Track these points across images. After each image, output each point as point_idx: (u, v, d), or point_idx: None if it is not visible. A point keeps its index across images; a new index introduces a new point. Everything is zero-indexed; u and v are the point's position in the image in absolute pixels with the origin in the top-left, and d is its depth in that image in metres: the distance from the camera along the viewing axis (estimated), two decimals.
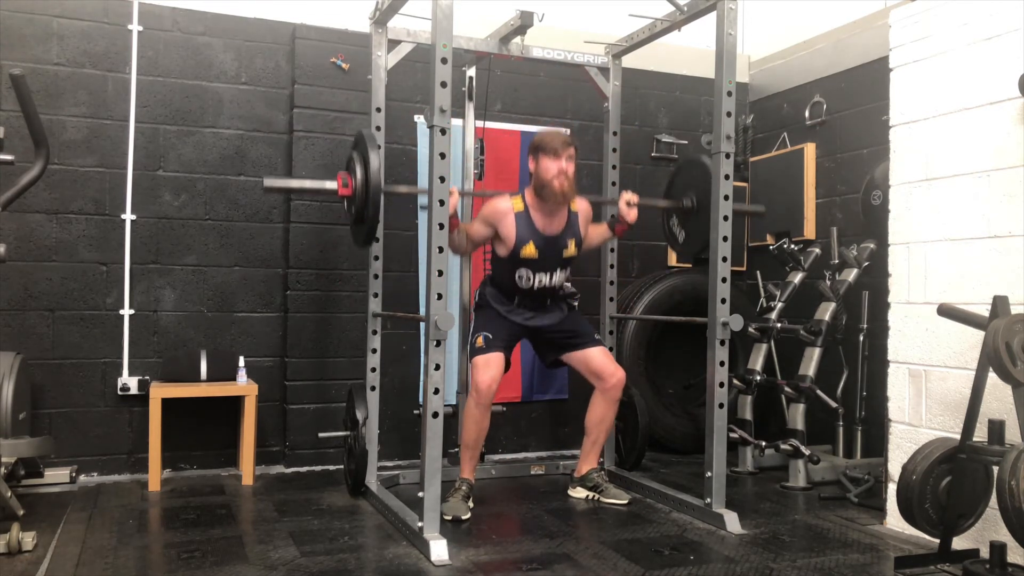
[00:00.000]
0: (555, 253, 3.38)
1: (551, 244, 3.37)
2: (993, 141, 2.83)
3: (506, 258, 3.38)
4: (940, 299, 2.93)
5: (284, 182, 3.44)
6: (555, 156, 3.27)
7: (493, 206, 3.37)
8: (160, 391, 3.61)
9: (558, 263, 3.41)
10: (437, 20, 2.79)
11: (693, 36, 4.01)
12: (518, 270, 3.37)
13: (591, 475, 3.57)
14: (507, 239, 3.33)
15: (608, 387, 3.46)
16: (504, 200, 3.37)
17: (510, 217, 3.33)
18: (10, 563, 2.58)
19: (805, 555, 2.81)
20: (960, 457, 2.59)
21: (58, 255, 3.78)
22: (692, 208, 3.54)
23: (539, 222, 3.35)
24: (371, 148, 3.02)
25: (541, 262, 3.36)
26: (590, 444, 3.56)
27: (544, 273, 3.39)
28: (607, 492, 3.51)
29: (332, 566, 2.62)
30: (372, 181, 2.99)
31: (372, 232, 3.18)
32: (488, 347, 3.35)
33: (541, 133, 3.43)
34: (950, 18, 2.99)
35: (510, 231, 3.32)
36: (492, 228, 3.37)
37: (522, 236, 3.32)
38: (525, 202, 3.36)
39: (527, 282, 3.39)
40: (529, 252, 3.33)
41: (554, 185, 3.26)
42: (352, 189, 3.08)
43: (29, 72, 3.48)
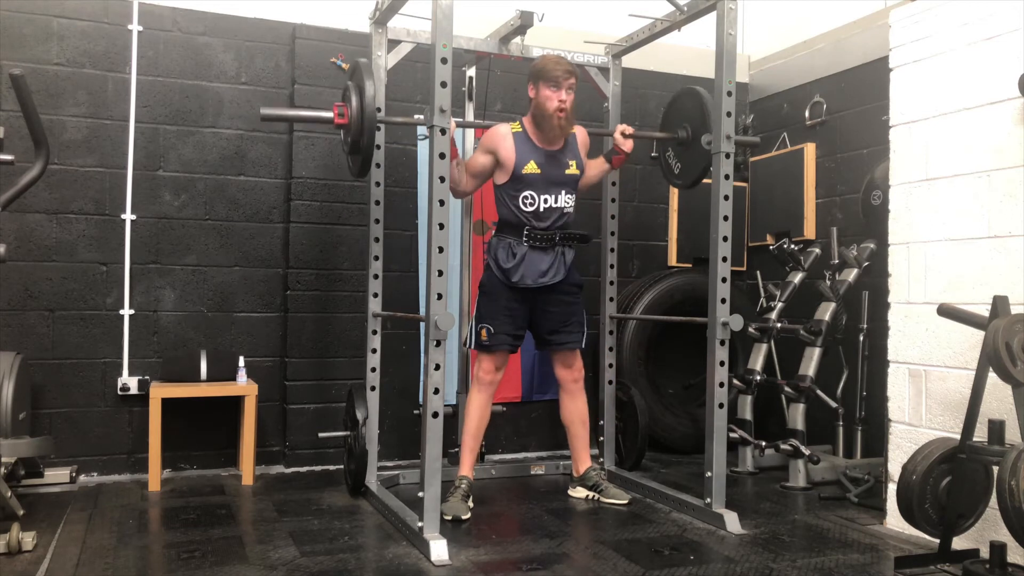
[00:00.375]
0: (558, 170, 3.35)
1: (552, 160, 3.33)
2: (993, 141, 2.83)
3: (508, 183, 3.32)
4: (940, 299, 2.93)
5: (281, 111, 3.38)
6: (555, 86, 3.23)
7: (491, 132, 3.35)
8: (160, 391, 3.61)
9: (562, 182, 3.36)
10: (437, 20, 2.79)
11: (693, 36, 4.01)
12: (522, 193, 3.30)
13: (590, 474, 3.57)
14: (507, 161, 3.29)
15: (567, 379, 3.54)
16: (501, 125, 3.36)
17: (509, 139, 3.31)
18: (10, 563, 2.58)
19: (805, 555, 2.81)
20: (960, 457, 2.59)
21: (58, 255, 3.78)
22: (687, 138, 3.54)
23: (538, 141, 3.33)
24: (367, 77, 3.00)
25: (544, 179, 3.31)
26: (575, 440, 3.60)
27: (549, 194, 3.33)
28: (607, 492, 3.51)
29: (332, 566, 2.62)
30: (367, 109, 2.98)
31: (368, 162, 3.14)
32: (491, 343, 3.36)
33: (542, 57, 3.37)
34: (950, 18, 3.00)
35: (509, 152, 3.29)
36: (492, 155, 3.33)
37: (522, 155, 3.29)
38: (523, 126, 3.36)
39: (532, 204, 3.31)
40: (531, 169, 3.29)
41: (552, 120, 3.25)
42: (348, 118, 3.07)
43: (29, 72, 3.48)
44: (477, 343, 3.41)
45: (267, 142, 4.11)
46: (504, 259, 3.34)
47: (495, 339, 3.36)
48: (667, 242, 4.87)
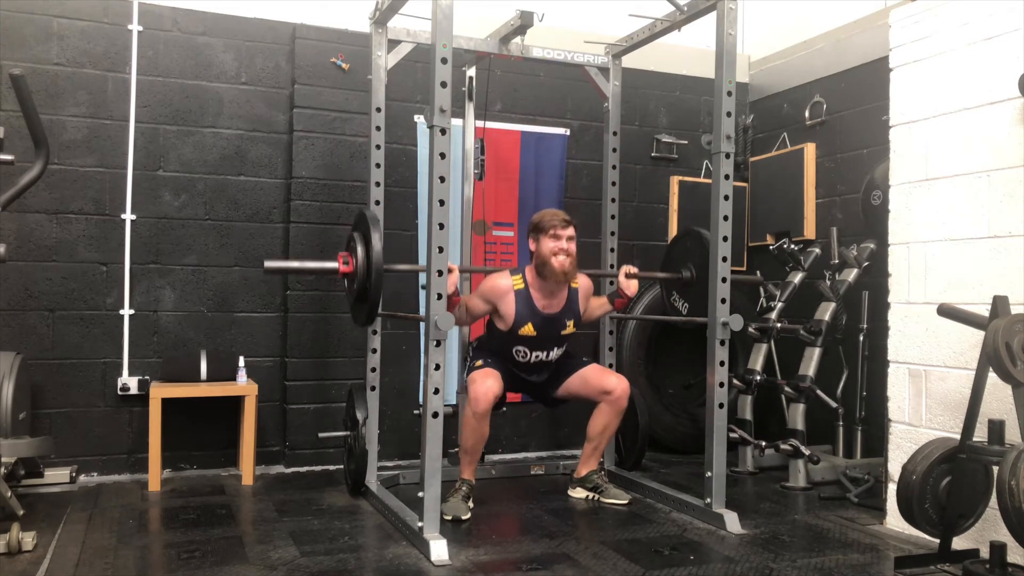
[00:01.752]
0: (554, 332, 3.41)
1: (550, 323, 3.38)
2: (993, 141, 2.83)
3: (505, 332, 3.40)
4: (940, 299, 2.93)
5: (285, 264, 3.49)
6: (555, 237, 3.30)
7: (493, 283, 3.38)
8: (160, 391, 3.61)
9: (555, 341, 3.44)
10: (437, 20, 2.79)
11: (693, 36, 4.01)
12: (516, 346, 3.41)
13: (591, 476, 3.57)
14: (506, 317, 3.36)
15: (615, 397, 3.45)
16: (504, 278, 3.38)
17: (510, 296, 3.35)
18: (10, 563, 2.58)
19: (805, 555, 2.81)
20: (960, 457, 2.59)
21: (58, 255, 3.78)
22: (691, 279, 3.58)
23: (539, 301, 3.37)
24: (372, 228, 3.04)
25: (539, 340, 3.40)
26: (591, 449, 3.57)
27: (541, 351, 3.43)
28: (607, 492, 3.51)
29: (332, 566, 2.62)
30: (374, 261, 3.00)
31: (374, 311, 3.15)
32: (486, 365, 3.38)
33: (540, 213, 3.43)
34: (950, 18, 2.99)
35: (509, 310, 3.35)
36: (491, 305, 3.39)
37: (521, 315, 3.34)
38: (525, 280, 3.38)
39: (524, 357, 3.43)
40: (527, 331, 3.36)
41: (554, 264, 3.29)
42: (354, 267, 3.10)
43: (29, 72, 3.48)
44: (471, 369, 3.40)
45: (267, 142, 4.11)
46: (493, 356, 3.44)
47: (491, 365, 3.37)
48: (667, 242, 4.86)
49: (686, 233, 3.72)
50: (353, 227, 3.22)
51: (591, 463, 3.59)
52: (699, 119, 4.93)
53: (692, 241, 3.61)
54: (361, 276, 3.07)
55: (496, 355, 3.45)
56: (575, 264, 3.36)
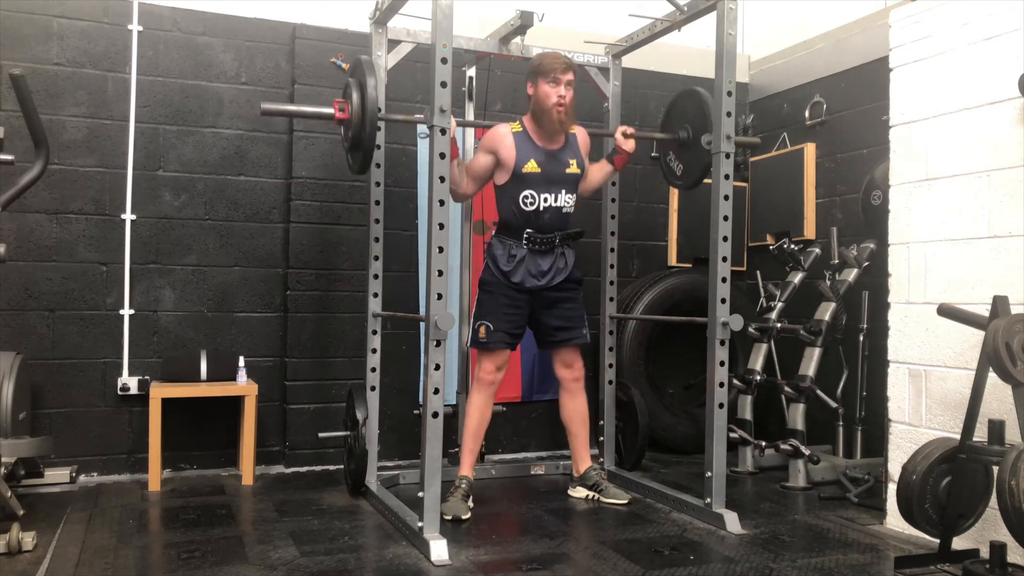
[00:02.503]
0: (558, 169, 3.34)
1: (552, 159, 3.33)
2: (993, 141, 2.83)
3: (509, 183, 3.31)
4: (940, 299, 2.93)
5: (281, 107, 3.38)
6: (554, 82, 3.24)
7: (491, 132, 3.36)
8: (160, 391, 3.61)
9: (562, 181, 3.35)
10: (437, 20, 2.79)
11: (693, 36, 4.01)
12: (523, 193, 3.30)
13: (590, 473, 3.57)
14: (507, 160, 3.29)
15: (567, 378, 3.53)
16: (501, 125, 3.36)
17: (509, 138, 3.30)
18: (10, 563, 2.58)
19: (805, 555, 2.81)
20: (960, 457, 2.59)
21: (58, 255, 3.78)
22: (688, 139, 3.55)
23: (539, 140, 3.33)
24: (368, 73, 2.99)
25: (545, 178, 3.31)
26: (574, 440, 3.60)
27: (550, 193, 3.32)
28: (607, 492, 3.51)
29: (332, 566, 2.62)
30: (369, 105, 2.97)
31: (368, 159, 3.14)
32: (489, 340, 3.35)
33: (540, 55, 3.36)
34: (950, 18, 3.00)
35: (510, 151, 3.29)
36: (492, 155, 3.32)
37: (523, 153, 3.29)
38: (523, 125, 3.36)
39: (532, 204, 3.31)
40: (531, 168, 3.28)
41: (552, 115, 3.25)
42: (349, 114, 3.06)
43: (29, 72, 3.47)
44: (475, 340, 3.41)
45: (267, 142, 4.11)
46: (504, 261, 3.34)
47: (493, 336, 3.35)
48: (667, 242, 4.87)
49: (684, 93, 3.66)
50: (350, 73, 3.17)
51: (584, 456, 3.60)
52: None
53: (690, 101, 3.56)
54: (356, 123, 3.04)
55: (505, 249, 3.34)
56: (572, 113, 3.32)
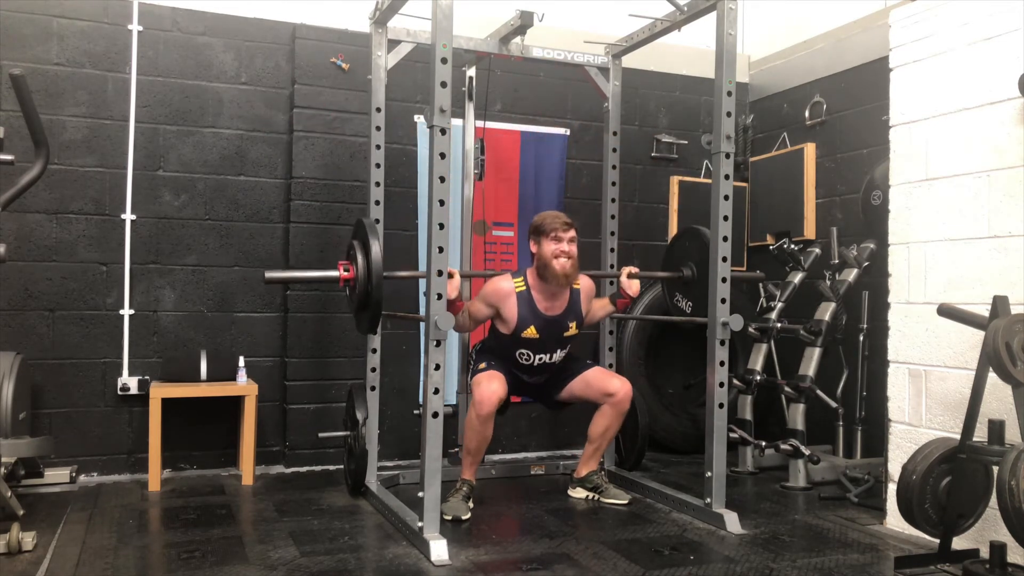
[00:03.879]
0: (556, 334, 3.40)
1: (552, 325, 3.38)
2: (993, 141, 2.83)
3: (507, 336, 3.39)
4: (940, 299, 2.93)
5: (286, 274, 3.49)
6: (556, 240, 3.29)
7: (495, 287, 3.38)
8: (160, 391, 3.61)
9: (558, 343, 3.43)
10: (437, 20, 2.79)
11: (693, 36, 4.01)
12: (519, 349, 3.40)
13: (591, 476, 3.56)
14: (509, 320, 3.35)
15: (617, 400, 3.44)
16: (506, 281, 3.38)
17: (512, 299, 3.34)
18: (10, 563, 2.58)
19: (805, 555, 2.81)
20: (960, 457, 2.59)
21: (58, 255, 3.78)
22: (692, 277, 3.57)
23: (541, 304, 3.36)
24: (371, 235, 3.04)
25: (542, 343, 3.39)
26: (592, 451, 3.56)
27: (544, 353, 3.42)
28: (607, 492, 3.51)
29: (332, 566, 2.62)
30: (374, 268, 3.00)
31: (376, 318, 3.13)
32: (489, 368, 3.37)
33: (540, 216, 3.41)
34: (950, 18, 3.00)
35: (512, 313, 3.34)
36: (494, 309, 3.38)
37: (523, 318, 3.34)
38: (527, 283, 3.38)
39: (527, 360, 3.42)
40: (530, 334, 3.35)
41: (555, 267, 3.28)
42: (354, 275, 3.10)
43: (29, 72, 3.47)
44: (475, 372, 3.41)
45: (267, 142, 4.11)
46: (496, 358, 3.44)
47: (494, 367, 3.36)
48: (667, 242, 4.86)
49: (685, 232, 3.72)
50: (353, 235, 3.22)
51: (591, 464, 3.58)
52: (699, 119, 4.93)
53: (692, 239, 3.60)
54: (362, 284, 3.07)
55: (499, 358, 3.44)
56: (576, 266, 3.36)
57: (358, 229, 3.17)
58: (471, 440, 3.33)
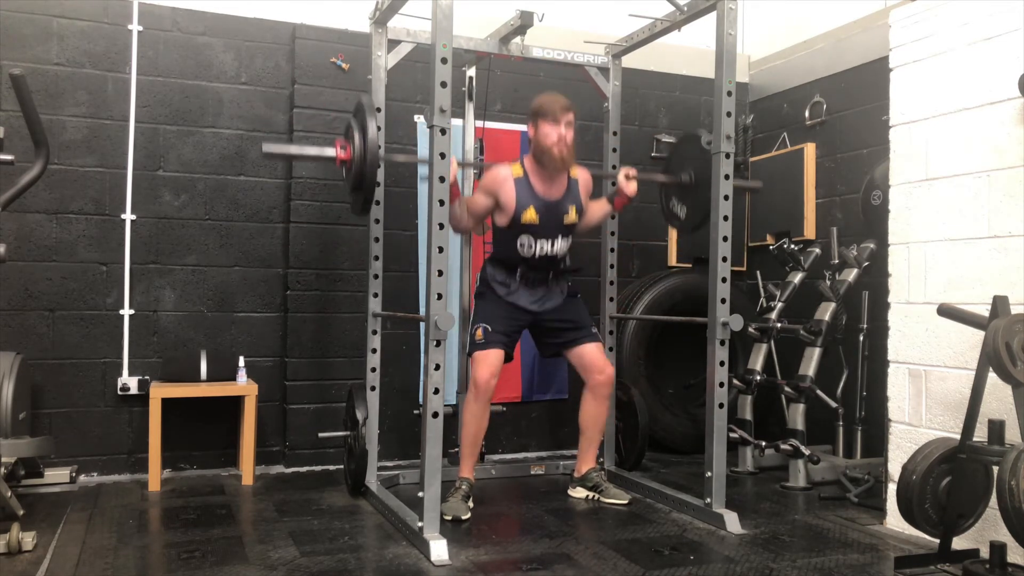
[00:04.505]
0: (556, 218, 3.35)
1: (552, 209, 3.33)
2: (993, 141, 2.83)
3: (506, 227, 3.34)
4: (940, 299, 2.93)
5: (283, 148, 3.41)
6: (554, 122, 3.25)
7: (492, 174, 3.34)
8: (160, 391, 3.61)
9: (559, 230, 3.37)
10: (437, 20, 2.79)
11: (693, 36, 4.01)
12: (519, 238, 3.34)
13: (591, 475, 3.56)
14: (507, 206, 3.30)
15: (596, 383, 3.46)
16: (503, 167, 3.35)
17: (509, 183, 3.30)
18: (10, 563, 2.58)
19: (805, 555, 2.81)
20: (960, 457, 2.59)
21: (58, 255, 3.78)
22: (690, 182, 3.54)
23: (539, 187, 3.33)
24: (369, 115, 3.02)
25: (542, 228, 3.33)
26: (586, 443, 3.56)
27: (546, 240, 3.35)
28: (607, 492, 3.50)
29: (332, 566, 2.62)
30: (370, 148, 3.00)
31: (369, 199, 3.17)
32: (487, 341, 3.33)
33: (540, 97, 3.35)
34: (950, 18, 2.99)
35: (510, 197, 3.29)
36: (492, 197, 3.33)
37: (522, 201, 3.29)
38: (524, 168, 3.35)
39: (528, 250, 3.35)
40: (530, 217, 3.29)
41: (553, 152, 3.25)
42: (351, 155, 3.08)
43: (29, 72, 3.47)
44: (472, 344, 3.38)
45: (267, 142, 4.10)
46: (498, 286, 3.40)
47: (491, 337, 3.33)
48: (667, 242, 4.87)
49: (685, 138, 3.68)
50: (353, 114, 3.18)
51: (589, 459, 3.57)
52: (699, 119, 4.93)
53: (691, 145, 3.56)
54: (358, 164, 3.05)
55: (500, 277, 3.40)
56: (573, 152, 3.32)
57: (357, 110, 3.14)
58: (470, 426, 3.33)
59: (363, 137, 3.03)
